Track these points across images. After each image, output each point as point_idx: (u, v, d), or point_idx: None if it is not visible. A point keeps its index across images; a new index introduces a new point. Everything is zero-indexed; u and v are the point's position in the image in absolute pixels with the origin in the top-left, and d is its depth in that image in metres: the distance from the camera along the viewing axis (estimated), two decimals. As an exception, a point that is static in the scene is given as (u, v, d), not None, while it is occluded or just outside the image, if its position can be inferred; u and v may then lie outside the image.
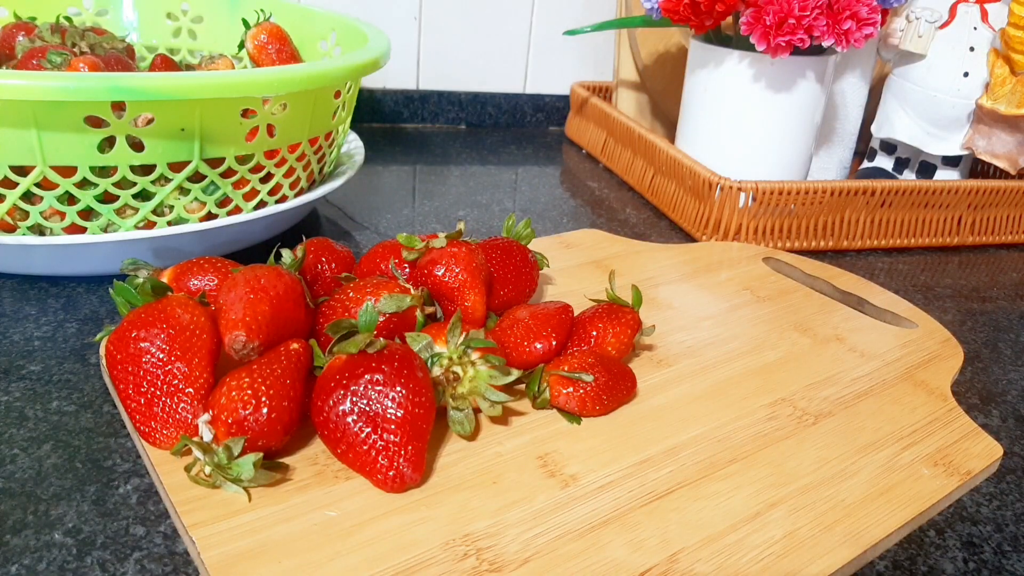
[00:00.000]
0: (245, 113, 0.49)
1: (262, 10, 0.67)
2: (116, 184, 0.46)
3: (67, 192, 0.46)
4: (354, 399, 0.33)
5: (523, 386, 0.40)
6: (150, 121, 0.45)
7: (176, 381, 0.34)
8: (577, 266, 0.57)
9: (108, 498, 0.33)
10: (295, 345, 0.36)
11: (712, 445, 0.38)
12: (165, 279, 0.41)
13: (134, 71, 0.61)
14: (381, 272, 0.45)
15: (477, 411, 0.37)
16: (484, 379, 0.36)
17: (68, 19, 0.64)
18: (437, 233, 0.43)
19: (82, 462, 0.35)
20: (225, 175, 0.50)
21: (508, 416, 0.39)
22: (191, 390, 0.34)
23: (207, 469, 0.32)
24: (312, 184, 0.59)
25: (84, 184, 0.46)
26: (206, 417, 0.33)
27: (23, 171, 0.45)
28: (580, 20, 0.97)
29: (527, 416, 0.39)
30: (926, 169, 0.77)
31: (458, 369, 0.36)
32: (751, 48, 0.63)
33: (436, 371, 0.36)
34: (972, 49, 0.70)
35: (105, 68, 0.56)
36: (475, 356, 0.37)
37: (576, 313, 0.44)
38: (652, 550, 0.31)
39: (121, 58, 0.59)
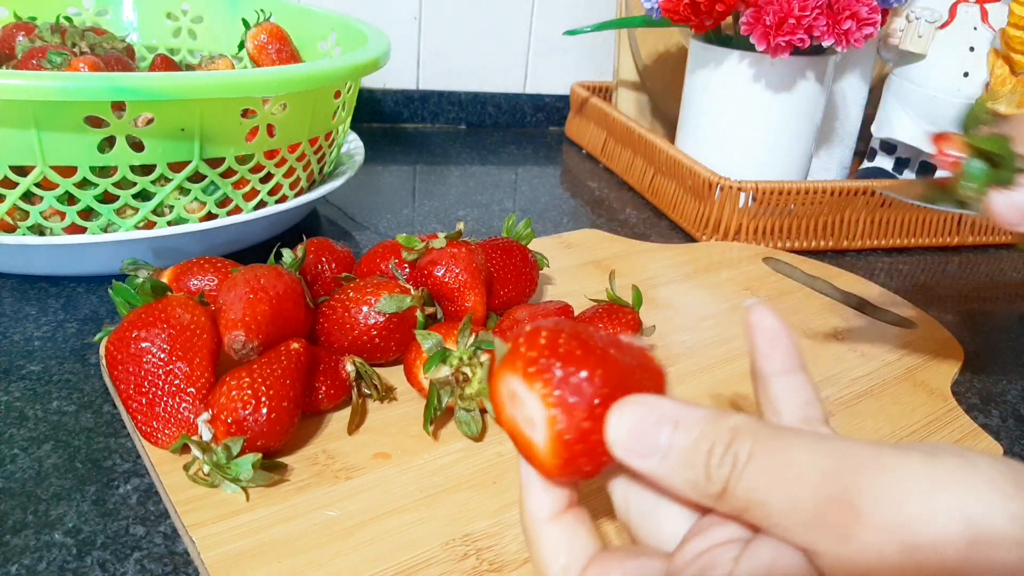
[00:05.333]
0: (245, 113, 0.49)
1: (262, 10, 0.67)
2: (116, 184, 0.46)
3: (67, 192, 0.46)
4: None
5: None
6: (150, 121, 0.45)
7: (177, 381, 0.34)
8: (577, 266, 0.57)
9: (108, 498, 0.33)
10: (295, 345, 0.36)
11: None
12: (165, 279, 0.41)
13: (134, 71, 0.61)
14: (381, 272, 0.45)
15: (483, 412, 0.37)
16: None
17: (68, 19, 0.64)
18: (437, 233, 0.43)
19: (82, 462, 0.35)
20: (225, 175, 0.50)
21: (508, 416, 0.39)
22: (193, 390, 0.34)
23: (205, 468, 0.32)
24: (312, 184, 0.59)
25: (84, 184, 0.46)
26: (206, 416, 0.33)
27: (23, 171, 0.45)
28: (580, 20, 0.97)
29: (527, 416, 0.39)
30: (926, 169, 0.76)
31: (467, 370, 0.36)
32: (751, 48, 0.63)
33: (446, 371, 0.36)
34: (972, 49, 0.70)
35: (105, 68, 0.56)
36: (484, 358, 0.37)
37: (576, 313, 0.44)
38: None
39: (121, 58, 0.59)
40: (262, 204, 0.54)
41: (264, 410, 0.32)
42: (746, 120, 0.68)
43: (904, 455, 0.18)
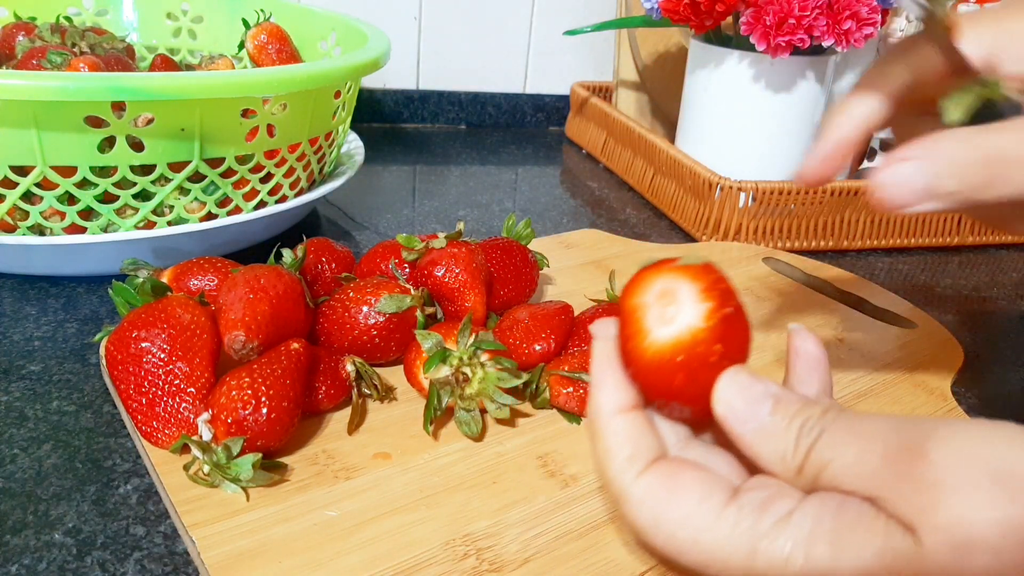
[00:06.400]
0: (245, 113, 0.49)
1: (262, 10, 0.67)
2: (116, 184, 0.46)
3: (67, 192, 0.46)
4: None
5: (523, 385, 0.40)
6: (150, 121, 0.45)
7: (178, 381, 0.34)
8: (577, 266, 0.57)
9: (108, 498, 0.33)
10: (295, 345, 0.36)
11: (712, 445, 0.38)
12: (165, 279, 0.41)
13: (134, 71, 0.61)
14: (381, 272, 0.45)
15: (483, 412, 0.37)
16: (493, 381, 0.36)
17: (68, 19, 0.64)
18: (437, 233, 0.43)
19: (82, 462, 0.35)
20: (225, 175, 0.50)
21: (509, 416, 0.39)
22: (193, 390, 0.34)
23: (205, 468, 0.32)
24: (312, 184, 0.59)
25: (84, 184, 0.46)
26: (206, 416, 0.33)
27: (23, 171, 0.45)
28: (580, 20, 0.97)
29: (527, 416, 0.39)
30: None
31: (467, 370, 0.36)
32: (751, 48, 0.63)
33: (446, 371, 0.36)
34: (972, 49, 0.70)
35: (105, 68, 0.56)
36: (484, 358, 0.37)
37: (576, 313, 0.44)
38: (652, 550, 0.31)
39: (121, 58, 0.59)
40: (262, 204, 0.54)
41: (264, 410, 0.32)
42: (746, 120, 0.68)
43: (972, 420, 0.21)
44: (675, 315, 0.24)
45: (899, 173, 0.26)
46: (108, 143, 0.45)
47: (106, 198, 0.47)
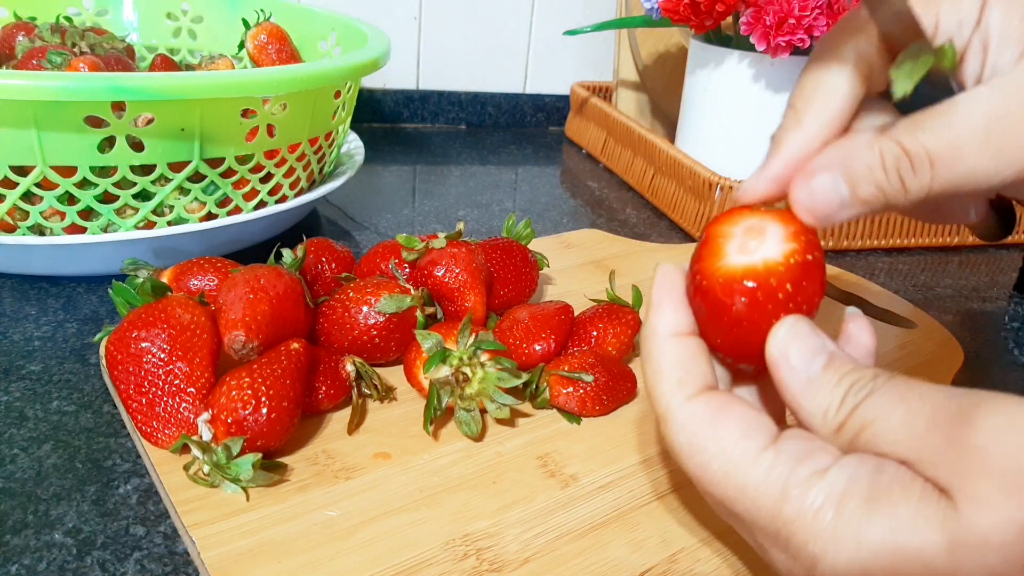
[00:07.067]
0: (245, 113, 0.49)
1: (262, 10, 0.67)
2: (116, 184, 0.46)
3: (67, 192, 0.46)
4: None
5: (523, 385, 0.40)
6: (150, 121, 0.45)
7: (177, 381, 0.34)
8: (577, 266, 0.57)
9: (108, 498, 0.33)
10: (295, 345, 0.36)
11: (712, 445, 0.38)
12: (165, 279, 0.41)
13: (134, 71, 0.61)
14: (381, 272, 0.45)
15: (483, 412, 0.37)
16: (493, 381, 0.36)
17: (68, 19, 0.64)
18: (437, 233, 0.43)
19: (82, 462, 0.35)
20: (225, 175, 0.50)
21: (509, 416, 0.39)
22: (193, 390, 0.34)
23: (205, 468, 0.32)
24: (312, 184, 0.59)
25: (84, 184, 0.46)
26: (206, 416, 0.33)
27: (23, 171, 0.45)
28: (580, 20, 0.97)
29: (527, 416, 0.39)
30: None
31: (467, 370, 0.36)
32: (751, 48, 0.63)
33: (446, 371, 0.36)
34: (972, 49, 0.70)
35: (105, 68, 0.56)
36: (484, 358, 0.37)
37: (576, 313, 0.44)
38: (652, 550, 0.31)
39: (121, 58, 0.59)
40: (262, 204, 0.54)
41: (264, 410, 0.32)
42: (746, 120, 0.68)
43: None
44: (756, 248, 0.24)
45: (818, 187, 0.25)
46: (108, 143, 0.45)
47: (106, 198, 0.47)
